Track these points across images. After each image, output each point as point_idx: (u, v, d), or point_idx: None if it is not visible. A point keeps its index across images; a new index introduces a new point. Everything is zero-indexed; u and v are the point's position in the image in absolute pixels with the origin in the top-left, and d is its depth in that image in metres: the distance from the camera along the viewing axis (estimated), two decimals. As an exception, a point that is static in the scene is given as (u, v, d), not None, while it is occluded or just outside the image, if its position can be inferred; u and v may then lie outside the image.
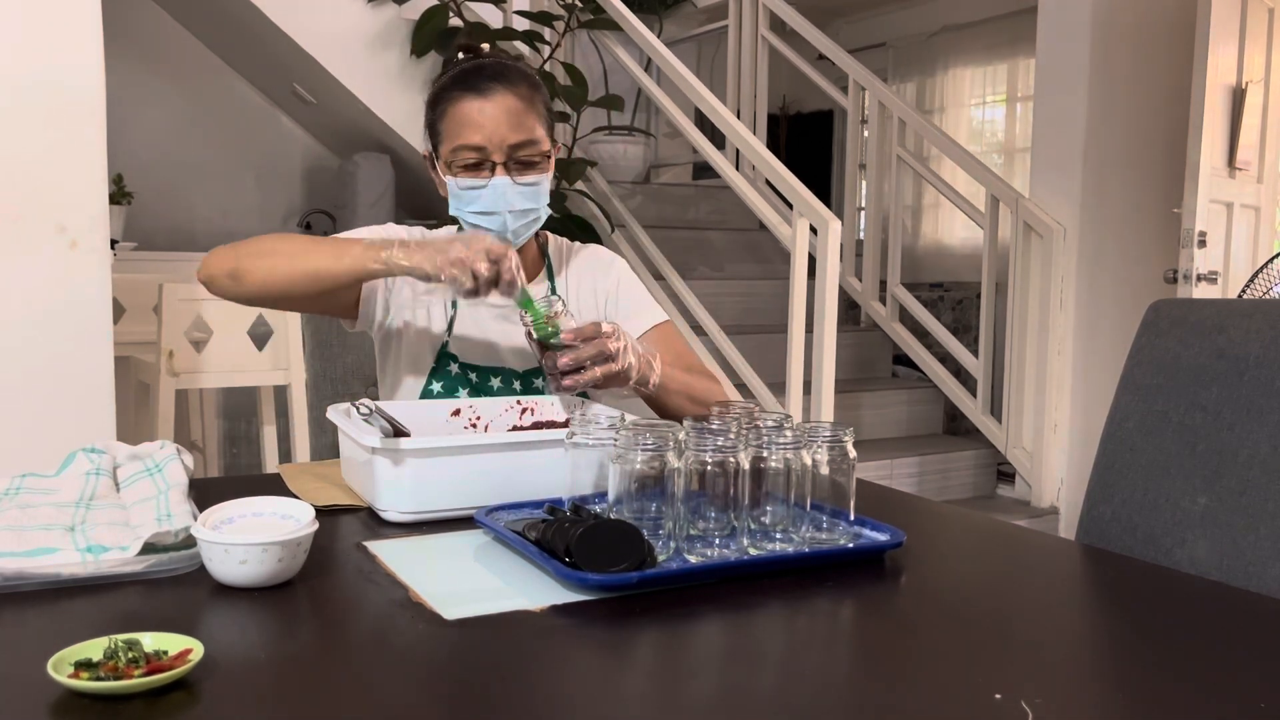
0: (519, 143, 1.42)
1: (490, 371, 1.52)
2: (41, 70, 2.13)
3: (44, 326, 2.15)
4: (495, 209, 1.43)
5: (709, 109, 3.44)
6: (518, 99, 1.43)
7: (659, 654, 0.86)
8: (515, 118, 1.42)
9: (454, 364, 1.51)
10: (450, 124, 1.44)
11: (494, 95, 1.42)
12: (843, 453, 1.07)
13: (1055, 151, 3.55)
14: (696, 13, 5.60)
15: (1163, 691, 0.78)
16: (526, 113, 1.43)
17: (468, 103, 1.42)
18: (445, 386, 1.50)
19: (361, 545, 1.07)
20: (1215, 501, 1.21)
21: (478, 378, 1.52)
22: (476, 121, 1.41)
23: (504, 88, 1.42)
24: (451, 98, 1.44)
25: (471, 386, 1.51)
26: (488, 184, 1.43)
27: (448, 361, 1.51)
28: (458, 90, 1.43)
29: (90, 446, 1.22)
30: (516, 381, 1.53)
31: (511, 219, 1.44)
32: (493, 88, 1.42)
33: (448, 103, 1.44)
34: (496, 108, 1.41)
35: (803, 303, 3.06)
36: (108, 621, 0.83)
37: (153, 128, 4.80)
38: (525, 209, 1.45)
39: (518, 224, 1.46)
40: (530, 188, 1.44)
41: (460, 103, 1.42)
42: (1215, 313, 1.29)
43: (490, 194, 1.43)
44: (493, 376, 1.52)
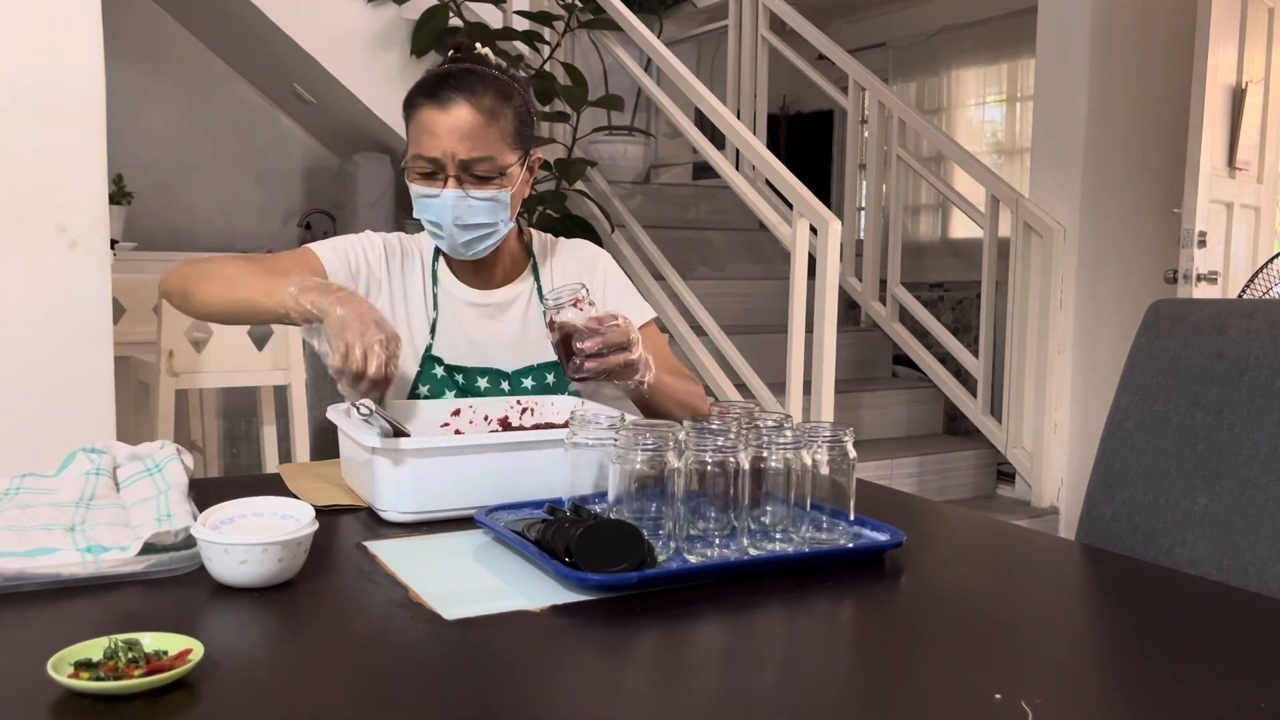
0: (471, 159, 1.41)
1: (477, 372, 1.51)
2: (41, 70, 2.13)
3: (44, 326, 2.15)
4: (441, 220, 1.43)
5: (709, 109, 3.44)
6: (477, 112, 1.40)
7: (659, 654, 0.86)
8: (472, 131, 1.40)
9: (439, 366, 1.50)
10: (412, 130, 1.44)
11: (452, 107, 1.40)
12: (843, 453, 1.07)
13: (1055, 151, 3.55)
14: (696, 13, 5.60)
15: (1163, 691, 0.78)
16: (486, 127, 1.41)
17: (427, 112, 1.41)
18: (432, 390, 1.49)
19: (361, 545, 1.07)
20: (1215, 501, 1.21)
21: (464, 379, 1.51)
22: (432, 132, 1.40)
23: (465, 100, 1.40)
24: (416, 104, 1.43)
25: (458, 388, 1.50)
26: (439, 195, 1.42)
27: (433, 365, 1.50)
28: (422, 97, 1.43)
29: (90, 446, 1.22)
30: (504, 382, 1.52)
31: (458, 231, 1.44)
32: (453, 99, 1.40)
33: (413, 108, 1.44)
34: (452, 120, 1.40)
35: (803, 303, 3.06)
36: (108, 621, 0.83)
37: (153, 128, 4.80)
38: (476, 223, 1.44)
39: (466, 237, 1.45)
40: (484, 203, 1.43)
41: (421, 110, 1.42)
42: (1215, 313, 1.29)
43: (438, 205, 1.42)
44: (479, 377, 1.51)
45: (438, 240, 1.48)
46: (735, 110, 4.76)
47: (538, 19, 4.12)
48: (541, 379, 1.53)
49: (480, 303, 1.54)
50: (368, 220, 4.68)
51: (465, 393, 1.50)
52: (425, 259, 1.56)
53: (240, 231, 5.08)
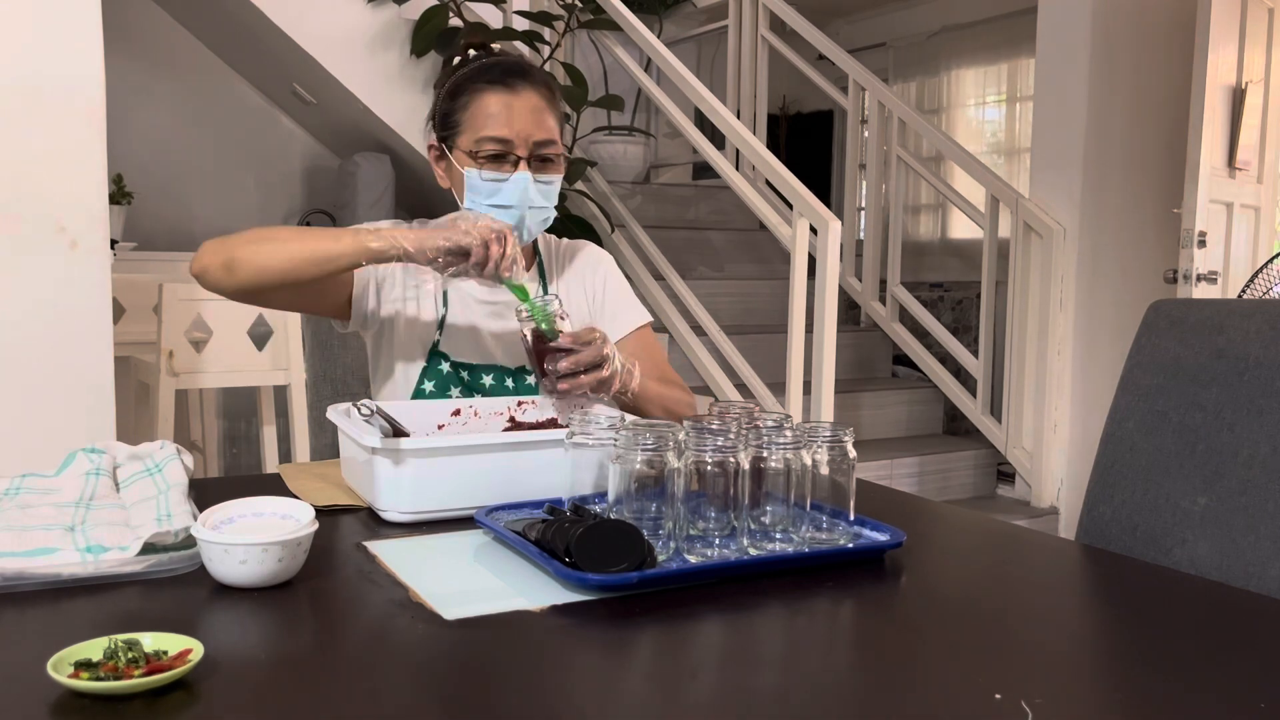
0: (543, 140, 1.45)
1: (482, 369, 1.52)
2: (41, 70, 2.13)
3: (44, 326, 2.15)
4: (514, 203, 1.45)
5: (709, 109, 3.44)
6: (541, 98, 1.46)
7: (659, 654, 0.86)
8: (539, 116, 1.45)
9: (445, 362, 1.51)
10: (475, 116, 1.45)
11: (521, 91, 1.45)
12: (843, 453, 1.07)
13: (1055, 151, 3.55)
14: (696, 13, 5.60)
15: (1163, 692, 0.78)
16: (548, 112, 1.47)
17: (495, 95, 1.44)
18: (437, 385, 1.50)
19: (361, 545, 1.07)
20: (1215, 501, 1.21)
21: (469, 375, 1.51)
22: (503, 116, 1.43)
23: (529, 86, 1.46)
24: (478, 89, 1.46)
25: (463, 385, 1.51)
26: (509, 178, 1.44)
27: (439, 360, 1.51)
28: (484, 83, 1.46)
29: (90, 446, 1.22)
30: (509, 379, 1.53)
31: (529, 215, 1.46)
32: (520, 84, 1.45)
33: (472, 94, 1.46)
34: (524, 104, 1.44)
35: (803, 303, 3.06)
36: (108, 621, 0.83)
37: (153, 128, 4.80)
38: (541, 206, 1.47)
39: (533, 220, 1.48)
40: (547, 186, 1.47)
41: (487, 95, 1.45)
42: (1215, 313, 1.29)
43: (511, 188, 1.44)
44: (484, 374, 1.52)
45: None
46: (735, 110, 4.76)
47: (538, 19, 4.12)
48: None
49: (490, 300, 1.55)
50: (367, 220, 4.68)
51: (470, 389, 1.51)
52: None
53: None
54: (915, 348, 4.06)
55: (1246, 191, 3.41)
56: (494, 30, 4.13)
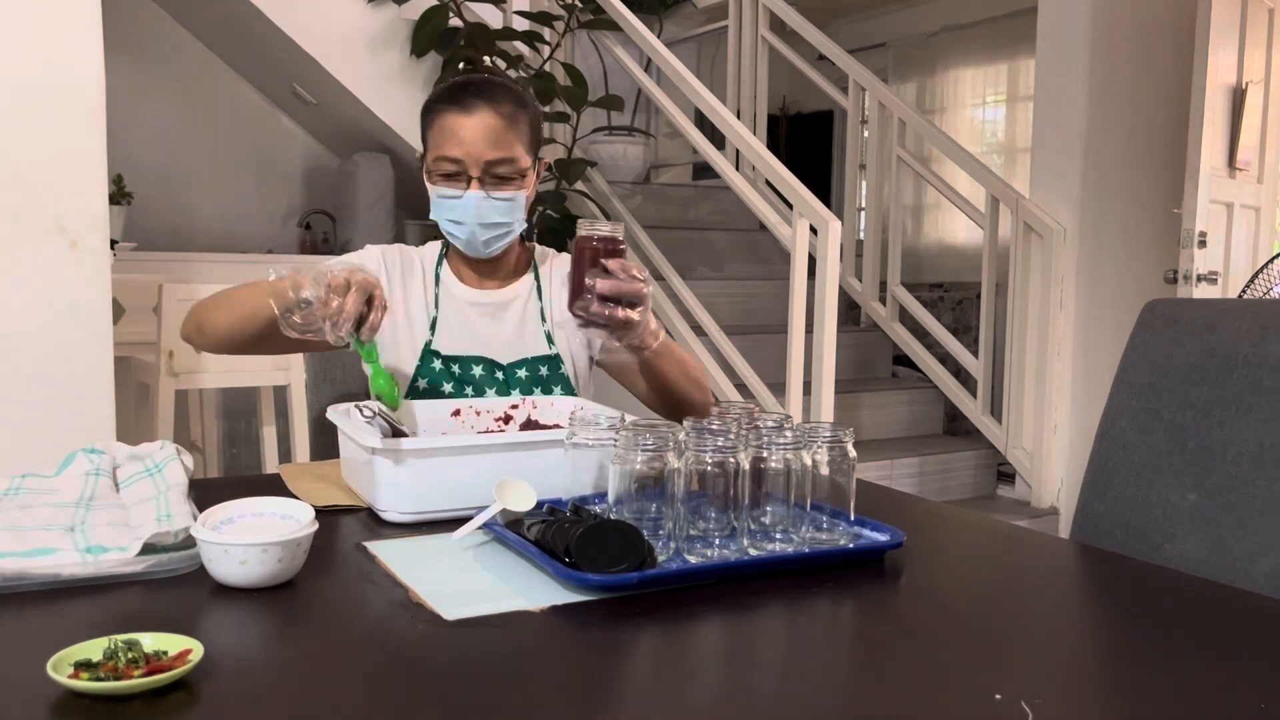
0: (495, 159, 1.49)
1: (471, 360, 1.56)
2: (41, 70, 2.13)
3: (44, 326, 2.15)
4: (465, 219, 1.51)
5: (709, 109, 3.44)
6: (499, 117, 1.49)
7: (659, 654, 0.86)
8: (494, 135, 1.48)
9: (437, 360, 1.55)
10: (435, 135, 1.51)
11: (476, 112, 1.48)
12: (843, 453, 1.07)
13: (1055, 151, 3.55)
14: (696, 13, 5.60)
15: (1162, 691, 0.78)
16: (507, 131, 1.50)
17: (451, 117, 1.49)
18: (430, 382, 1.54)
19: (361, 545, 1.07)
20: (1204, 498, 1.22)
21: (459, 368, 1.55)
22: (457, 136, 1.48)
23: (487, 105, 1.49)
24: (438, 110, 1.52)
25: (454, 379, 1.54)
26: (462, 195, 1.49)
27: (431, 359, 1.55)
28: (444, 104, 1.51)
29: (90, 446, 1.22)
30: (499, 371, 1.56)
31: (480, 230, 1.51)
32: (476, 104, 1.49)
33: (435, 114, 1.52)
34: (477, 124, 1.48)
35: (803, 303, 3.06)
36: (108, 621, 0.83)
37: (153, 128, 4.80)
38: (496, 222, 1.52)
39: (486, 235, 1.52)
40: (503, 203, 1.51)
41: (445, 115, 1.50)
42: (1207, 313, 1.30)
43: (463, 205, 1.50)
44: (474, 365, 1.55)
45: (456, 240, 1.54)
46: (735, 110, 4.76)
47: (538, 19, 4.12)
48: (535, 370, 1.58)
49: (481, 301, 1.60)
50: (368, 220, 4.68)
51: (461, 382, 1.54)
52: (427, 265, 1.62)
53: (240, 231, 5.08)
54: (915, 348, 4.06)
55: (1246, 192, 3.41)
56: (494, 30, 4.12)
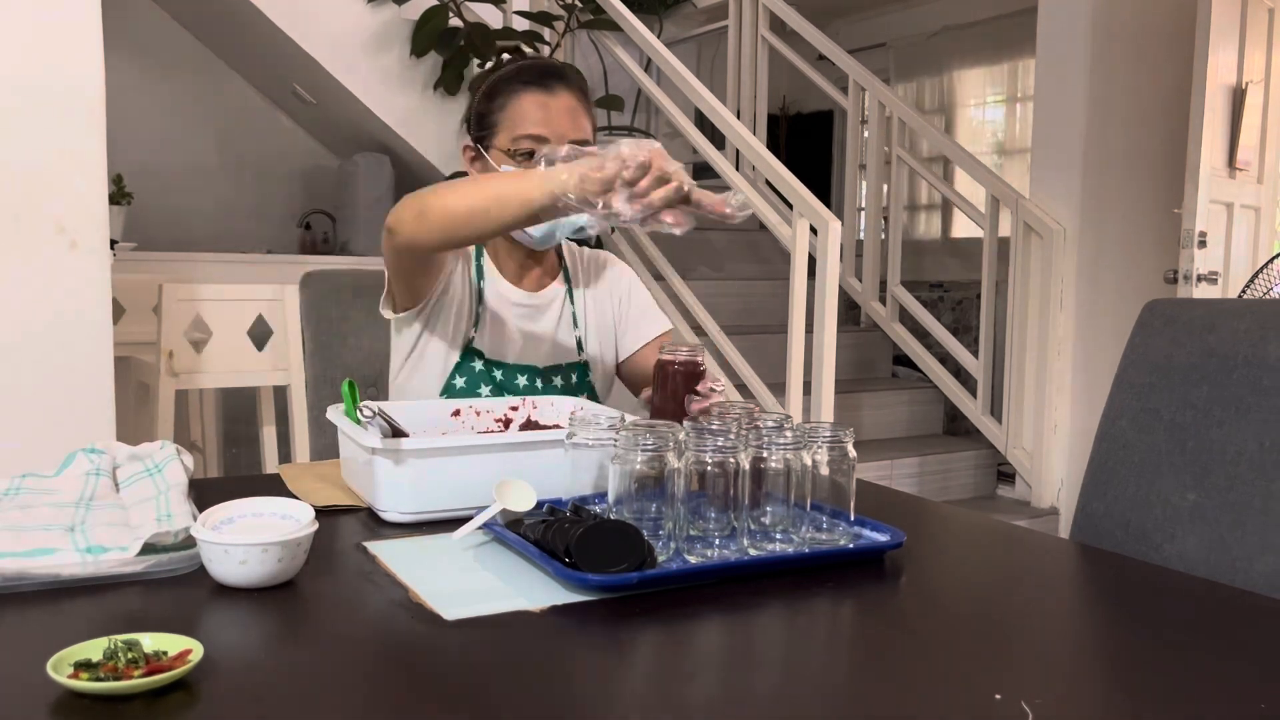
0: (578, 140, 1.46)
1: (516, 369, 1.54)
2: (41, 70, 2.13)
3: (44, 327, 2.15)
4: None
5: (709, 109, 3.44)
6: (576, 99, 1.50)
7: (659, 654, 0.86)
8: (575, 116, 1.48)
9: (479, 360, 1.52)
10: (512, 115, 1.48)
11: (558, 92, 1.48)
12: (843, 453, 1.07)
13: (1055, 151, 3.55)
14: (696, 13, 5.60)
15: (1162, 691, 0.78)
16: (583, 113, 1.50)
17: (535, 95, 1.48)
18: (468, 382, 1.52)
19: (361, 545, 1.07)
20: (1204, 498, 1.22)
21: (503, 375, 1.53)
22: (540, 115, 1.46)
23: (565, 87, 1.49)
24: (515, 90, 1.49)
25: (495, 384, 1.52)
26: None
27: (472, 357, 1.52)
28: (521, 84, 1.49)
29: (90, 446, 1.22)
30: (538, 379, 1.54)
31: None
32: (556, 85, 1.48)
33: (509, 94, 1.49)
34: (560, 104, 1.48)
35: (803, 303, 3.06)
36: (108, 621, 0.83)
37: (153, 128, 4.80)
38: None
39: (565, 224, 1.44)
40: None
41: (525, 94, 1.48)
42: (1206, 312, 1.30)
43: None
44: (519, 374, 1.53)
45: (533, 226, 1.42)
46: (735, 110, 4.76)
47: (538, 19, 4.12)
48: (569, 377, 1.57)
49: (523, 302, 1.57)
50: (367, 220, 4.68)
51: (501, 389, 1.52)
52: (470, 252, 1.57)
53: (240, 231, 5.08)
54: (915, 348, 4.06)
55: (1246, 192, 3.41)
56: (494, 30, 4.12)
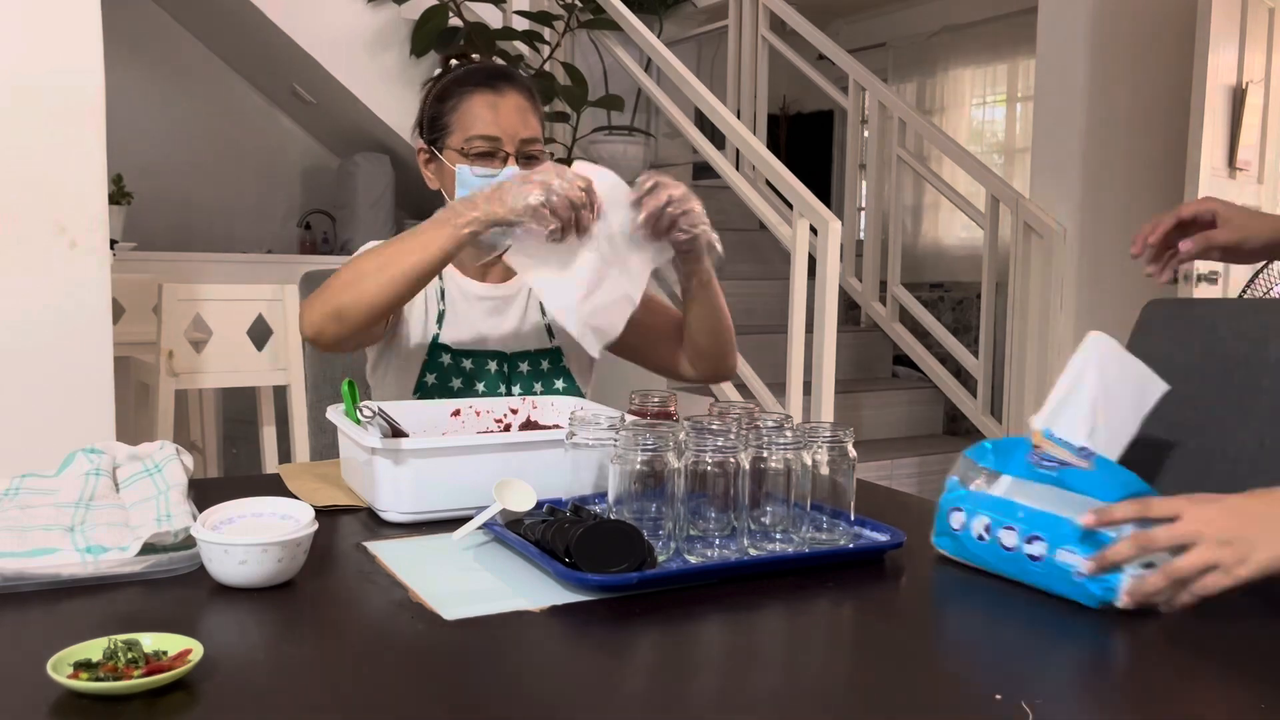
0: (528, 137, 1.52)
1: (485, 355, 1.56)
2: (41, 70, 2.13)
3: (44, 326, 2.15)
4: None
5: (709, 109, 3.44)
6: (524, 99, 1.55)
7: (659, 654, 0.86)
8: (523, 115, 1.53)
9: (446, 354, 1.55)
10: (464, 116, 1.52)
11: (506, 93, 1.53)
12: (843, 453, 1.07)
13: (1055, 152, 3.55)
14: (696, 13, 5.60)
15: (1162, 691, 0.78)
16: (531, 112, 1.55)
17: (484, 96, 1.52)
18: (439, 377, 1.54)
19: (361, 545, 1.07)
20: None
21: (472, 364, 1.55)
22: (490, 115, 1.51)
23: (513, 87, 1.54)
24: (465, 92, 1.53)
25: (465, 375, 1.54)
26: (499, 173, 1.49)
27: (440, 353, 1.54)
28: (471, 85, 1.54)
29: (90, 447, 1.22)
30: (506, 365, 1.57)
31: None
32: (505, 86, 1.53)
33: (460, 97, 1.53)
34: (509, 104, 1.52)
35: (803, 303, 3.06)
36: (108, 621, 0.83)
37: (153, 128, 4.80)
38: None
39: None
40: None
41: (475, 96, 1.52)
42: (1206, 312, 1.30)
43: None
44: (489, 360, 1.56)
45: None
46: (735, 110, 4.76)
47: (538, 19, 4.12)
48: (537, 363, 1.59)
49: (488, 295, 1.60)
50: (367, 220, 4.68)
51: (471, 378, 1.54)
52: None
53: (240, 231, 5.08)
54: (915, 348, 4.06)
55: (1247, 191, 3.41)
56: (494, 30, 4.12)
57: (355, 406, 1.22)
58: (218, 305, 2.83)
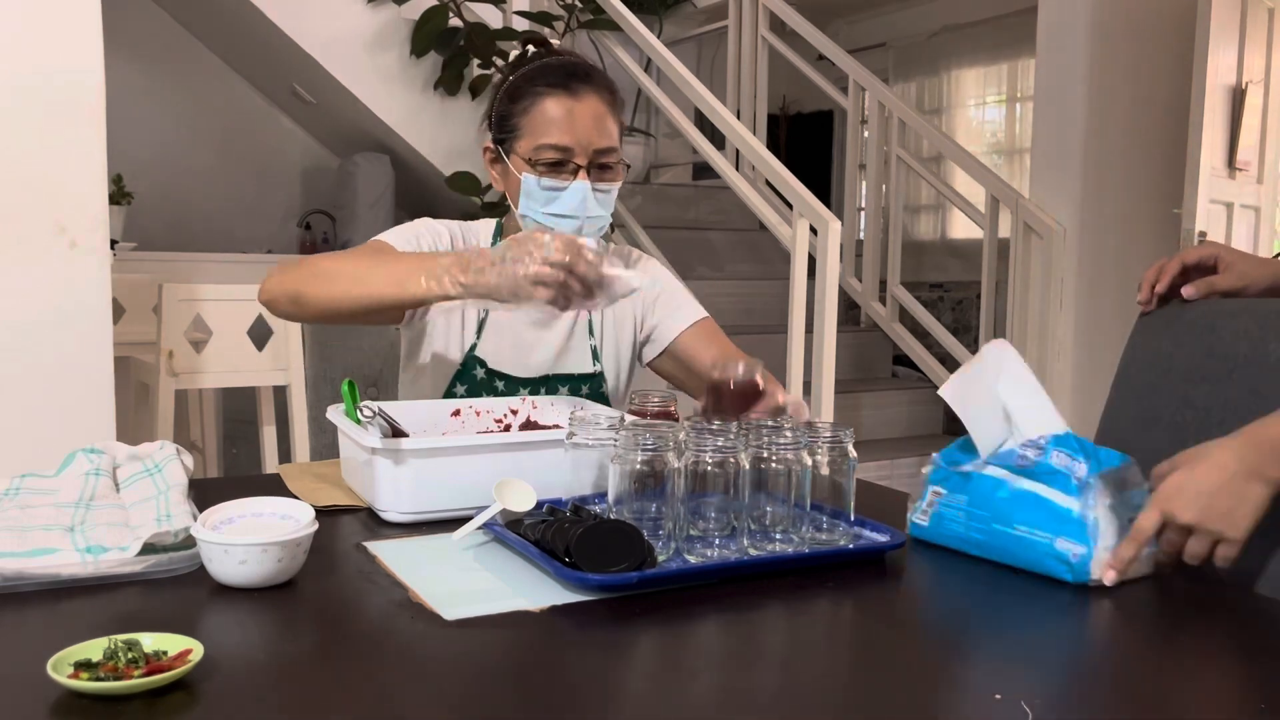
0: (604, 148, 1.40)
1: (520, 383, 1.49)
2: (41, 70, 2.13)
3: (44, 326, 2.15)
4: (574, 213, 1.40)
5: (709, 109, 3.44)
6: (603, 103, 1.42)
7: (659, 654, 0.86)
8: (601, 122, 1.41)
9: (480, 368, 1.49)
10: (534, 120, 1.41)
11: (584, 96, 1.40)
12: (843, 453, 1.07)
13: (1055, 151, 3.55)
14: (696, 13, 5.60)
15: (1162, 691, 0.78)
16: (609, 118, 1.42)
17: (558, 100, 1.40)
18: (469, 391, 1.48)
19: (361, 545, 1.07)
20: None
21: (504, 386, 1.49)
22: (564, 122, 1.39)
23: (593, 91, 1.41)
24: (538, 93, 1.41)
25: (497, 395, 1.48)
26: (568, 186, 1.39)
27: (475, 365, 1.49)
28: (546, 86, 1.41)
29: (90, 446, 1.22)
30: (543, 389, 1.50)
31: (587, 225, 1.41)
32: (583, 89, 1.40)
33: (533, 98, 1.41)
34: (586, 109, 1.40)
35: (803, 303, 3.06)
36: (108, 621, 0.83)
37: (153, 128, 4.80)
38: (597, 215, 1.42)
39: (590, 229, 1.42)
40: (605, 194, 1.42)
41: (549, 99, 1.40)
42: (1206, 312, 1.30)
43: (569, 196, 1.40)
44: (521, 388, 1.49)
45: (564, 225, 1.41)
46: (735, 110, 4.76)
47: (538, 19, 4.12)
48: (578, 389, 1.52)
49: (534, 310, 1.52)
50: (367, 220, 4.68)
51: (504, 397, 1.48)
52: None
53: (240, 231, 5.08)
54: (915, 348, 4.06)
55: (1246, 192, 3.41)
56: (494, 30, 4.13)
57: (355, 406, 1.22)
58: (218, 305, 2.83)
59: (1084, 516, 0.98)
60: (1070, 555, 0.98)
